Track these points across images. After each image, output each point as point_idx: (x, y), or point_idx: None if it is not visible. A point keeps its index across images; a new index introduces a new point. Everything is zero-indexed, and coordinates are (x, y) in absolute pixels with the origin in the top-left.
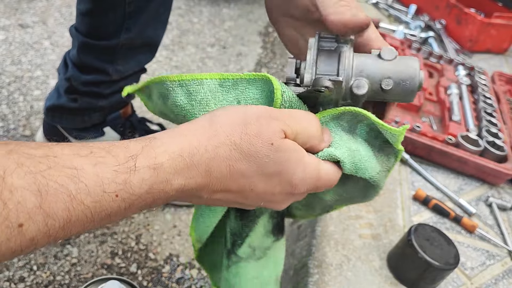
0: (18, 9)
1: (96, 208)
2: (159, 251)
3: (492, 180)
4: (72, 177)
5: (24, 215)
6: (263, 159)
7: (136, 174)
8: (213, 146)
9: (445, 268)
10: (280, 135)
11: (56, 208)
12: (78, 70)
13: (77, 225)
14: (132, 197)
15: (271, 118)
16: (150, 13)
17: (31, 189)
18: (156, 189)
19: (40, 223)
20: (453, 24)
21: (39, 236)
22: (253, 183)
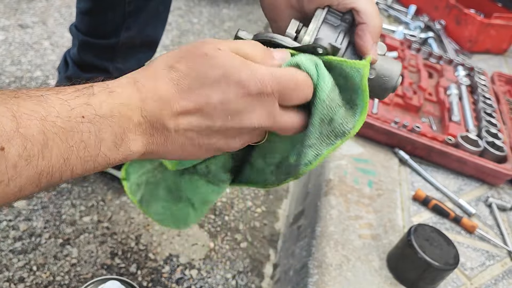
0: (18, 9)
1: (67, 130)
2: (159, 251)
3: (491, 181)
4: (39, 103)
5: (4, 138)
6: (202, 68)
7: (95, 97)
8: (153, 72)
9: (445, 269)
10: (214, 49)
11: (32, 131)
12: (78, 68)
13: (55, 153)
14: (98, 119)
15: (204, 41)
16: (149, 12)
17: (6, 115)
18: (117, 112)
19: (20, 147)
20: (453, 25)
21: (22, 162)
22: (204, 94)
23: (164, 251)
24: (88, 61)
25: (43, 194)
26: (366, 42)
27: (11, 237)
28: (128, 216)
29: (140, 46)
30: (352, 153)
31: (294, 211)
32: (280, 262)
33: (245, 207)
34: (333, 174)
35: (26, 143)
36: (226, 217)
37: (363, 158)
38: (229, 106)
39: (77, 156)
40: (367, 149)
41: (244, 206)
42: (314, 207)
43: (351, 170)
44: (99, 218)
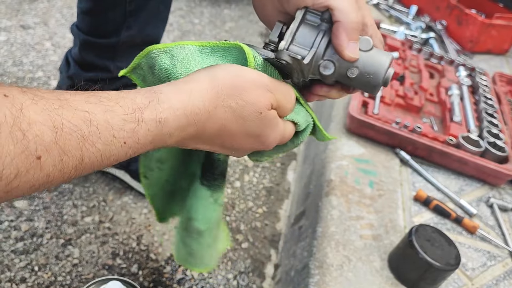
0: (19, 10)
1: (105, 152)
2: (160, 251)
3: (493, 181)
4: (84, 120)
5: (42, 148)
6: (250, 123)
7: (143, 125)
8: (213, 107)
9: (446, 269)
10: (268, 107)
11: (71, 146)
12: (80, 68)
13: (87, 167)
14: (137, 146)
15: (266, 90)
16: (150, 11)
17: (48, 124)
18: (158, 140)
19: (56, 159)
20: (454, 25)
21: (55, 173)
22: (235, 140)
23: (166, 252)
24: (89, 60)
25: (44, 194)
26: (341, 40)
27: (13, 238)
28: (129, 216)
29: (141, 45)
30: (353, 154)
31: (295, 211)
32: (281, 262)
33: (246, 207)
34: (334, 175)
35: (63, 156)
36: (228, 217)
37: (364, 158)
38: (240, 149)
39: (107, 164)
40: (368, 149)
41: (245, 207)
42: (315, 207)
43: (352, 170)
44: (100, 219)
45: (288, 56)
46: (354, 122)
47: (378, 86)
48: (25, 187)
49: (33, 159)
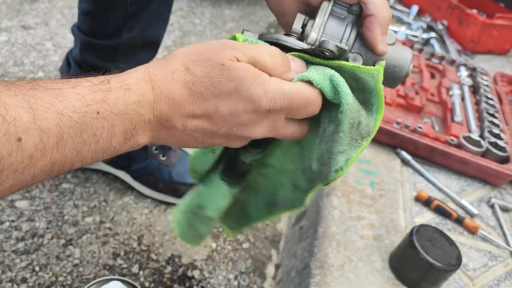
0: (20, 10)
1: (82, 125)
2: (161, 252)
3: (494, 181)
4: (56, 96)
5: (21, 129)
6: (216, 78)
7: (111, 93)
8: (169, 72)
9: (447, 269)
10: (232, 59)
11: (48, 124)
12: (80, 69)
13: (69, 145)
14: (112, 116)
15: (225, 46)
16: (151, 12)
17: (23, 106)
18: (131, 109)
19: (36, 138)
20: (455, 25)
21: (37, 154)
22: (214, 104)
23: (166, 252)
24: (90, 61)
25: (45, 194)
26: (375, 34)
27: (14, 238)
28: (130, 216)
29: (142, 46)
30: None
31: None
32: (282, 262)
33: None
34: None
35: (42, 135)
36: None
37: (365, 158)
38: (236, 118)
39: (89, 149)
40: (369, 149)
41: None
42: (316, 207)
43: (353, 170)
44: (101, 219)
45: (335, 46)
46: None
47: (402, 78)
48: (10, 172)
49: (14, 142)
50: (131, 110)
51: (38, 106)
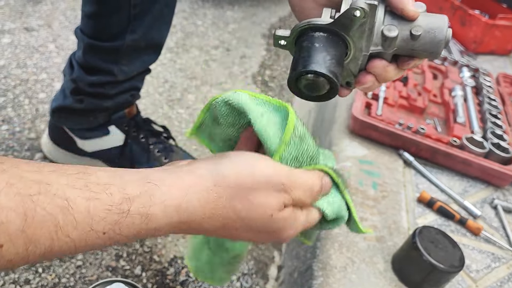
0: (23, 12)
1: (80, 242)
2: (164, 253)
3: (497, 182)
4: (62, 208)
5: (5, 236)
6: (260, 224)
7: (127, 218)
8: (212, 208)
9: (450, 271)
10: (280, 208)
11: (39, 235)
12: (83, 71)
13: (58, 254)
14: (118, 237)
15: (279, 190)
16: (154, 15)
17: (18, 211)
18: (144, 234)
19: (20, 248)
20: (457, 26)
21: (17, 259)
22: (244, 236)
23: (169, 253)
24: (93, 63)
25: None
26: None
27: None
28: None
29: (145, 48)
30: (357, 155)
31: None
32: (284, 264)
33: None
34: None
35: (29, 245)
36: None
37: (368, 159)
38: (252, 240)
39: (81, 251)
40: (372, 150)
41: None
42: None
43: (356, 171)
44: None
45: (365, 3)
46: (358, 124)
47: (443, 41)
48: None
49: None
50: (143, 234)
51: (36, 214)
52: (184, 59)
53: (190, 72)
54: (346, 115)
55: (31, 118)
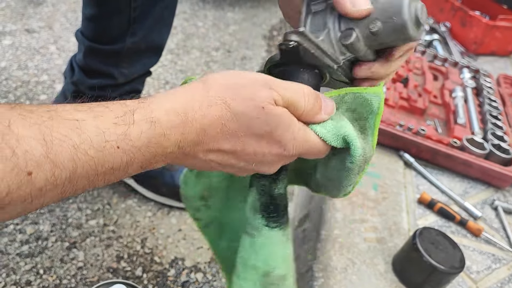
0: (24, 14)
1: (99, 159)
2: (165, 254)
3: (497, 183)
4: (74, 128)
5: (33, 163)
6: (253, 120)
7: (134, 127)
8: (206, 105)
9: (451, 272)
10: (271, 102)
11: (62, 158)
12: (84, 74)
13: (82, 177)
14: (133, 150)
15: (266, 85)
16: (155, 17)
17: (37, 138)
18: (154, 143)
19: (48, 173)
20: (458, 27)
21: (48, 186)
22: (244, 142)
23: (170, 254)
24: (93, 66)
25: None
26: None
27: (18, 241)
28: (133, 219)
29: (145, 51)
30: None
31: (299, 214)
32: None
33: None
34: None
35: (55, 169)
36: None
37: None
38: (259, 158)
39: (103, 178)
40: None
41: None
42: (319, 210)
43: None
44: (105, 222)
45: (294, 34)
46: None
47: (406, 25)
48: (18, 202)
49: (24, 176)
50: (154, 144)
51: (53, 138)
52: (185, 60)
53: (191, 74)
54: None
55: None
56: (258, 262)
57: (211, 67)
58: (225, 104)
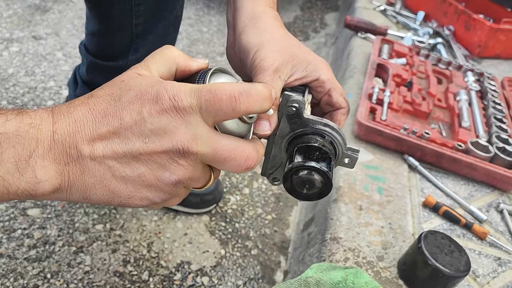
0: (31, 21)
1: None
2: (171, 258)
3: (503, 186)
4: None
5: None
6: (117, 92)
7: (1, 117)
8: (73, 101)
9: (456, 276)
10: (134, 73)
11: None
12: (87, 87)
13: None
14: (2, 137)
15: (129, 69)
16: (158, 34)
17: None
18: (24, 133)
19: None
20: (462, 30)
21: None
22: (118, 116)
23: (176, 259)
24: (96, 81)
25: (56, 202)
26: None
27: (26, 245)
28: (140, 223)
29: None
30: (362, 160)
31: (304, 218)
32: (290, 269)
33: (256, 214)
34: (343, 181)
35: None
36: (237, 224)
37: (373, 165)
38: (144, 126)
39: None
40: (377, 155)
41: (255, 213)
42: (324, 214)
43: (361, 177)
44: (111, 226)
45: None
46: (362, 129)
47: None
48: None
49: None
50: (23, 133)
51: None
52: None
53: None
54: (351, 120)
55: None
56: None
57: None
58: (89, 94)
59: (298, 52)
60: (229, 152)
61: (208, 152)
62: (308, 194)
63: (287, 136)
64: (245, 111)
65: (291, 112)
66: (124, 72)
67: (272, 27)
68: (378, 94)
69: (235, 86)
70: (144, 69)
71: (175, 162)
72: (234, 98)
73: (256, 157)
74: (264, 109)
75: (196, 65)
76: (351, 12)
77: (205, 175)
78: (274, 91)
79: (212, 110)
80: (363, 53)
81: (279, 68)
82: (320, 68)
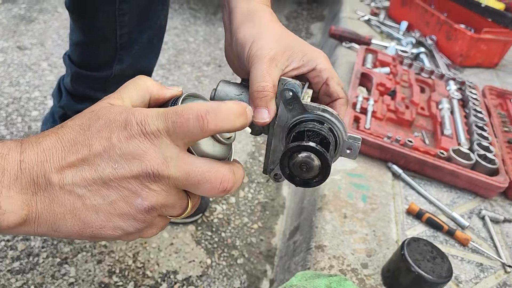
0: (16, 31)
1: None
2: (156, 268)
3: (484, 193)
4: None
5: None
6: (86, 122)
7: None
8: (42, 133)
9: (439, 282)
10: (104, 103)
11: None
12: (72, 98)
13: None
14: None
15: (101, 100)
16: (143, 44)
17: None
18: None
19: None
20: (444, 40)
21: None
22: (87, 144)
23: (162, 268)
24: (81, 92)
25: None
26: None
27: (9, 257)
28: None
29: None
30: (346, 168)
31: (290, 226)
32: (276, 277)
33: (242, 223)
34: (328, 189)
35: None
36: (223, 233)
37: (357, 173)
38: (113, 151)
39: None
40: (361, 164)
41: (241, 222)
42: (309, 222)
43: (345, 185)
44: None
45: None
46: None
47: None
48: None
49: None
50: None
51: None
52: (176, 75)
53: (182, 88)
54: None
55: (24, 136)
56: None
57: (202, 82)
58: (60, 126)
59: (294, 42)
60: (202, 174)
61: (180, 175)
62: (307, 179)
63: (286, 125)
64: (214, 129)
65: (288, 97)
66: (96, 103)
67: (267, 21)
68: (362, 103)
69: (202, 105)
70: (117, 99)
71: (146, 187)
72: (201, 117)
73: (233, 179)
74: (235, 126)
75: (170, 93)
76: (336, 22)
77: (181, 201)
78: (249, 108)
79: (180, 131)
80: (347, 62)
81: (275, 57)
82: (317, 57)
